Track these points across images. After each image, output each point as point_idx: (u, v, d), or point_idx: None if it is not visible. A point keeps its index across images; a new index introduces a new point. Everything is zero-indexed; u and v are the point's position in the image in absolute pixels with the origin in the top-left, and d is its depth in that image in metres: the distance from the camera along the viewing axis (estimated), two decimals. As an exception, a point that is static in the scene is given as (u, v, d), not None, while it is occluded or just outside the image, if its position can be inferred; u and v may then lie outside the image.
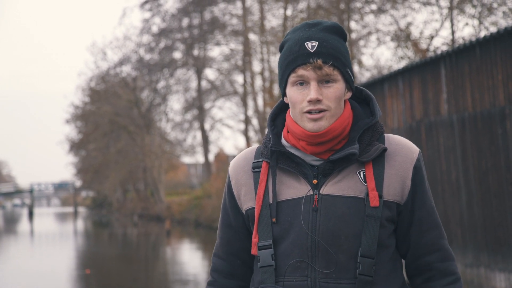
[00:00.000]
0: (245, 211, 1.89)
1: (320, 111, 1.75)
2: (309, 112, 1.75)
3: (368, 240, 1.73)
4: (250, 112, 32.15)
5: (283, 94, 1.86)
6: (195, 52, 34.04)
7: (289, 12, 27.21)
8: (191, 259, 18.89)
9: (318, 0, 24.59)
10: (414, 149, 1.84)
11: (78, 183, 66.09)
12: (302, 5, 26.33)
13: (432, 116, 9.98)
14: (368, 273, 1.73)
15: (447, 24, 19.72)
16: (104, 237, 30.26)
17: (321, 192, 1.77)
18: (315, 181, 1.78)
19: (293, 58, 1.77)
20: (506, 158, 8.40)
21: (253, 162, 1.89)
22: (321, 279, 1.74)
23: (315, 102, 1.74)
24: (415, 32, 20.29)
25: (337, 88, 1.76)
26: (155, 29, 34.12)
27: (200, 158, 48.11)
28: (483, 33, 18.08)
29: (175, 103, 65.20)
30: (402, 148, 1.83)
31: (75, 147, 48.09)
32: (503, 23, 17.83)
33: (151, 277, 14.78)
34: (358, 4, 22.43)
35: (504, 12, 18.13)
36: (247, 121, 32.20)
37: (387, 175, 1.78)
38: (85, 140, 44.70)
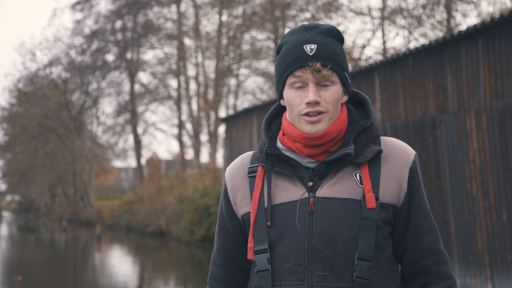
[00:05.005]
0: (241, 216, 1.87)
1: (319, 113, 1.74)
2: (307, 114, 1.74)
3: (364, 242, 1.71)
4: (184, 117, 32.03)
5: (280, 96, 1.85)
6: (128, 55, 33.61)
7: (224, 17, 27.27)
8: (121, 265, 18.60)
9: (254, 7, 24.77)
10: (410, 151, 1.83)
11: (3, 187, 63.98)
12: (237, 11, 26.47)
13: (366, 123, 10.20)
14: (365, 276, 1.71)
15: (379, 34, 20.26)
16: (31, 242, 29.36)
17: (317, 194, 1.76)
18: (310, 184, 1.77)
19: (291, 60, 1.76)
20: (436, 166, 8.68)
21: (249, 167, 1.87)
22: (318, 283, 1.72)
23: (314, 104, 1.73)
24: (348, 41, 20.69)
25: (335, 91, 1.75)
26: (87, 30, 33.53)
27: (131, 162, 47.46)
28: (412, 44, 18.64)
29: (107, 106, 64.22)
30: (398, 150, 1.81)
31: (0, 149, 46.55)
32: (431, 35, 18.44)
33: (80, 283, 14.48)
34: (293, 12, 22.74)
35: (432, 24, 18.75)
36: (180, 125, 32.01)
37: (383, 177, 1.77)
38: (11, 142, 43.24)
